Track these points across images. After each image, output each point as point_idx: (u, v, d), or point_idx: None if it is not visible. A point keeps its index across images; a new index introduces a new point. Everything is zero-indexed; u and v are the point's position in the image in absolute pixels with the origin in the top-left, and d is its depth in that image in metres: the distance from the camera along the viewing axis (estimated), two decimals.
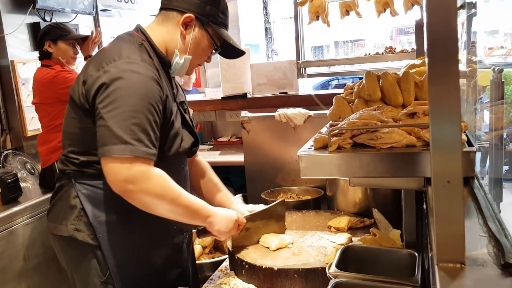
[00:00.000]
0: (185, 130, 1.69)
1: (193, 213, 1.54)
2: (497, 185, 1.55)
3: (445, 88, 0.74)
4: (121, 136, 1.38)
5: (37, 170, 3.68)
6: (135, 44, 1.59)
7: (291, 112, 2.80)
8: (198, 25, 1.63)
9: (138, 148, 1.39)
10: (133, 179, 1.40)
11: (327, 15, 3.20)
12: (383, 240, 1.73)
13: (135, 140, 1.39)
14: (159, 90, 1.50)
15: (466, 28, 1.89)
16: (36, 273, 2.88)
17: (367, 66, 3.59)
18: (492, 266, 0.80)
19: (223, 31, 1.68)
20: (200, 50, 1.68)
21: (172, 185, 1.48)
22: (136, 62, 1.49)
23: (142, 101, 1.43)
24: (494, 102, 1.56)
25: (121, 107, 1.41)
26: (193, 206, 1.54)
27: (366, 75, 1.62)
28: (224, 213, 1.65)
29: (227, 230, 1.63)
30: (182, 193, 1.50)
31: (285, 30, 7.98)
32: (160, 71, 1.60)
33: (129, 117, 1.40)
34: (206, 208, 1.59)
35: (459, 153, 0.77)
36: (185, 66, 1.67)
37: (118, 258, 1.60)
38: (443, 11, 0.72)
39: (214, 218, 1.59)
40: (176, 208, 1.49)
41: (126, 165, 1.39)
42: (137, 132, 1.39)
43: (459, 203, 0.79)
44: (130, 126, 1.39)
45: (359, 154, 1.27)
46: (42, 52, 3.23)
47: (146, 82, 1.46)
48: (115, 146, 1.38)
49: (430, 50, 0.76)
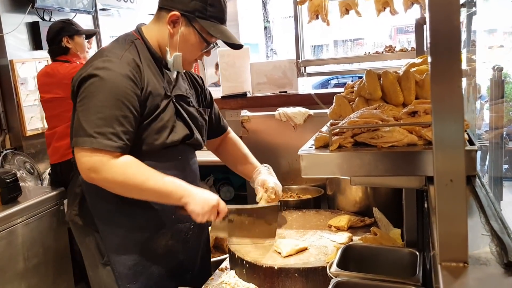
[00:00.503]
0: (180, 123, 1.74)
1: (164, 195, 1.62)
2: (497, 183, 1.55)
3: (448, 87, 0.74)
4: (86, 129, 1.52)
5: (36, 169, 3.67)
6: (126, 42, 1.69)
7: (291, 111, 2.79)
8: (184, 22, 1.67)
9: (99, 141, 1.51)
10: (94, 168, 1.53)
11: (327, 14, 3.20)
12: (383, 239, 1.72)
13: (97, 134, 1.51)
14: (133, 87, 1.58)
15: (466, 26, 1.89)
16: (36, 273, 2.87)
17: (366, 65, 3.58)
18: (495, 265, 0.80)
19: (212, 25, 1.66)
20: (190, 46, 1.71)
21: (137, 171, 1.56)
22: (112, 60, 1.60)
23: (110, 97, 1.54)
24: (494, 101, 1.56)
25: (90, 102, 1.55)
26: (163, 189, 1.60)
27: (367, 74, 1.62)
28: (202, 195, 1.64)
29: (202, 212, 1.63)
30: (149, 177, 1.57)
31: (284, 29, 7.97)
32: (150, 68, 1.69)
33: (96, 112, 1.53)
34: (180, 189, 1.62)
35: (462, 152, 0.77)
36: (178, 62, 1.73)
37: (115, 243, 1.73)
38: (446, 9, 0.72)
39: (189, 198, 1.61)
40: (144, 192, 1.59)
41: (88, 156, 1.53)
42: (101, 126, 1.52)
43: (462, 202, 0.79)
44: (95, 120, 1.52)
45: (360, 153, 1.27)
46: (59, 48, 3.25)
47: (116, 78, 1.56)
48: (80, 138, 1.53)
49: (433, 49, 0.76)
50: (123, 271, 1.72)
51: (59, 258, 3.07)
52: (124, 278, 1.72)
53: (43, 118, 3.83)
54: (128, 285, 1.72)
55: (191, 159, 1.87)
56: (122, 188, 1.58)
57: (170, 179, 1.61)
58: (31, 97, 3.75)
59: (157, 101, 1.67)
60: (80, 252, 1.95)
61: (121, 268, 1.72)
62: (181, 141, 1.75)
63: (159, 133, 1.68)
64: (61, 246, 3.09)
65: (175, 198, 1.62)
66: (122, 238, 1.73)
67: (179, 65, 1.74)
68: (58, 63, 3.24)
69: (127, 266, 1.72)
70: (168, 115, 1.70)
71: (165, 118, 1.69)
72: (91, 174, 1.55)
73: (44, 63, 3.88)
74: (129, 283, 1.72)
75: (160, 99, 1.68)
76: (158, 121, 1.67)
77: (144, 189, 1.57)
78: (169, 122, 1.70)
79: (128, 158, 1.57)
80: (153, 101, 1.66)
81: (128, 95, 1.56)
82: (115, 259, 1.73)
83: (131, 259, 1.72)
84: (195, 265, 1.92)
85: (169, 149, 1.71)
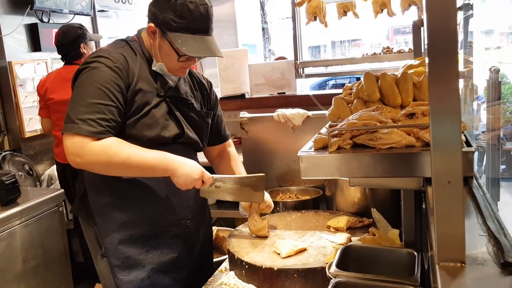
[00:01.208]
0: (171, 122, 1.79)
1: (149, 170, 1.66)
2: (495, 184, 1.57)
3: (445, 90, 0.75)
4: (71, 116, 1.61)
5: (35, 171, 3.68)
6: (122, 43, 1.78)
7: (289, 112, 2.81)
8: (160, 34, 1.71)
9: (80, 126, 1.58)
10: (76, 152, 1.60)
11: (325, 16, 3.21)
12: (382, 239, 1.74)
13: (79, 120, 1.59)
14: (115, 78, 1.65)
15: (463, 28, 1.90)
16: (35, 274, 2.88)
17: (364, 66, 3.60)
18: (492, 265, 0.82)
19: (181, 37, 1.66)
20: (167, 56, 1.74)
21: (119, 150, 1.61)
22: (101, 55, 1.68)
23: (92, 86, 1.62)
24: (491, 102, 1.58)
25: (77, 92, 1.65)
26: (146, 163, 1.64)
27: (365, 76, 1.64)
28: (184, 169, 1.68)
29: (185, 184, 1.69)
30: (131, 154, 1.62)
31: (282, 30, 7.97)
32: (143, 67, 1.75)
33: (80, 100, 1.62)
34: (164, 163, 1.66)
35: (459, 154, 0.78)
36: (164, 70, 1.78)
37: (110, 236, 1.79)
38: (443, 14, 0.74)
39: (174, 171, 1.67)
40: (129, 168, 1.64)
41: (70, 141, 1.60)
42: (82, 113, 1.59)
43: (459, 203, 0.80)
44: (77, 107, 1.61)
45: (359, 154, 1.28)
46: (76, 53, 3.40)
47: (101, 69, 1.64)
48: (65, 125, 1.62)
49: (430, 53, 0.77)
50: (116, 263, 1.79)
51: (58, 259, 3.07)
52: (117, 269, 1.79)
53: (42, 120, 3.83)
54: (121, 276, 1.79)
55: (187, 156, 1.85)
56: (107, 167, 1.63)
57: (153, 153, 1.66)
58: (29, 99, 3.76)
59: (148, 98, 1.73)
60: (79, 253, 2.00)
61: (115, 260, 1.79)
62: (172, 139, 1.79)
63: (150, 129, 1.73)
64: (60, 248, 3.09)
65: (159, 171, 1.68)
66: (116, 231, 1.79)
67: (165, 72, 1.79)
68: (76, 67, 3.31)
69: (120, 259, 1.78)
70: (160, 112, 1.75)
71: (157, 115, 1.74)
72: (76, 158, 1.61)
73: (42, 64, 3.89)
74: (122, 275, 1.79)
75: (151, 96, 1.74)
76: (149, 116, 1.72)
77: (128, 166, 1.62)
78: (161, 119, 1.75)
79: (110, 139, 1.62)
80: (143, 98, 1.71)
81: (109, 85, 1.63)
82: (110, 251, 1.79)
83: (124, 252, 1.78)
84: (192, 262, 1.94)
85: (163, 148, 1.74)
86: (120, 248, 1.79)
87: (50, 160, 3.93)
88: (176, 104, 1.82)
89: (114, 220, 1.79)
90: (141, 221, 1.79)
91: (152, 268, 1.81)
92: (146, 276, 1.80)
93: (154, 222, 1.80)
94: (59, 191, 3.13)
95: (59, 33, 3.38)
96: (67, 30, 3.38)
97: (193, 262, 1.95)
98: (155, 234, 1.83)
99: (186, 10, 1.64)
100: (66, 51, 3.39)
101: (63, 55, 3.42)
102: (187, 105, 1.86)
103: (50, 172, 3.82)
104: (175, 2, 1.64)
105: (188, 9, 1.64)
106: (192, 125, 1.87)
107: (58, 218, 3.06)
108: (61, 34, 3.36)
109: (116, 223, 1.79)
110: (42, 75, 3.84)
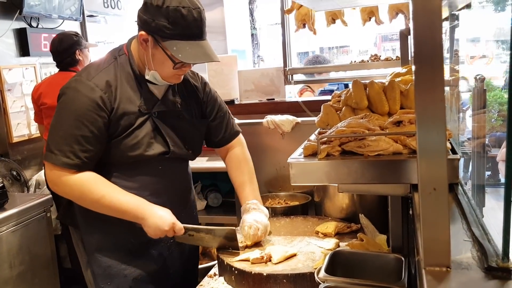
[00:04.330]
0: (158, 139, 1.76)
1: (120, 213, 1.68)
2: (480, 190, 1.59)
3: (431, 100, 0.78)
4: (50, 145, 1.65)
5: (23, 176, 3.65)
6: (109, 59, 1.76)
7: (279, 119, 2.83)
8: (152, 41, 1.65)
9: (58, 157, 1.62)
10: (53, 182, 1.67)
11: (314, 23, 3.26)
12: (370, 245, 1.76)
13: (58, 151, 1.63)
14: (95, 109, 1.64)
15: (449, 36, 1.94)
16: (22, 280, 2.85)
17: (352, 73, 3.64)
18: (476, 269, 0.84)
19: (176, 44, 1.61)
20: (161, 64, 1.68)
21: (94, 188, 1.65)
22: (83, 81, 1.67)
23: (72, 117, 1.64)
24: (476, 110, 1.61)
25: (56, 119, 1.68)
26: (119, 207, 1.67)
27: (353, 83, 1.66)
28: (154, 221, 1.67)
29: (155, 234, 1.70)
30: (105, 195, 1.65)
31: (270, 36, 8.00)
32: (129, 84, 1.72)
33: (58, 130, 1.65)
34: (135, 211, 1.67)
35: (444, 162, 0.81)
36: (157, 78, 1.73)
37: (92, 244, 1.82)
38: (429, 27, 0.76)
39: (143, 221, 1.68)
40: (101, 208, 1.68)
41: (49, 170, 1.67)
42: (60, 144, 1.63)
43: (444, 209, 0.82)
44: (56, 137, 1.65)
45: (347, 161, 1.31)
46: (72, 60, 3.42)
47: (81, 100, 1.64)
48: (46, 153, 1.66)
49: (417, 63, 0.80)
50: (98, 271, 1.81)
51: (45, 265, 3.04)
52: (99, 278, 1.81)
53: (29, 125, 3.81)
54: (102, 285, 1.80)
55: (175, 167, 1.87)
56: (80, 201, 1.70)
57: (127, 198, 1.67)
58: (17, 104, 3.74)
59: (131, 119, 1.71)
60: (66, 259, 2.00)
61: (96, 268, 1.81)
62: (157, 157, 1.76)
63: (133, 150, 1.72)
64: (48, 253, 3.06)
65: (129, 217, 1.69)
66: (99, 240, 1.81)
67: (161, 81, 1.74)
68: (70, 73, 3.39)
69: (102, 267, 1.80)
70: (144, 131, 1.73)
71: (140, 135, 1.72)
72: (53, 186, 1.69)
73: (31, 69, 3.87)
74: (104, 284, 1.80)
75: (135, 117, 1.71)
76: (131, 138, 1.71)
77: (101, 205, 1.66)
78: (145, 138, 1.73)
79: (87, 175, 1.66)
80: (127, 119, 1.70)
81: (89, 116, 1.63)
82: (92, 259, 1.81)
83: (105, 261, 1.80)
84: (177, 271, 1.93)
85: (149, 163, 1.75)
86: (102, 257, 1.79)
87: (38, 166, 3.90)
88: (163, 118, 1.77)
89: (97, 229, 1.79)
90: (124, 232, 1.78)
91: (134, 278, 1.80)
92: (128, 286, 1.80)
93: (137, 232, 1.74)
94: (47, 196, 3.10)
95: (54, 40, 3.40)
96: (63, 37, 3.41)
97: (179, 272, 1.93)
98: (138, 244, 1.80)
99: (179, 16, 1.57)
100: (61, 58, 3.41)
101: (58, 62, 3.43)
102: (176, 117, 1.82)
103: (38, 177, 3.80)
104: (166, 8, 1.56)
105: (181, 15, 1.57)
106: (182, 137, 1.83)
107: (46, 223, 3.04)
108: (57, 41, 3.38)
109: (98, 232, 1.79)
110: (30, 80, 3.83)
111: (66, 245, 3.57)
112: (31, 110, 3.64)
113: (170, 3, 1.57)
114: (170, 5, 1.56)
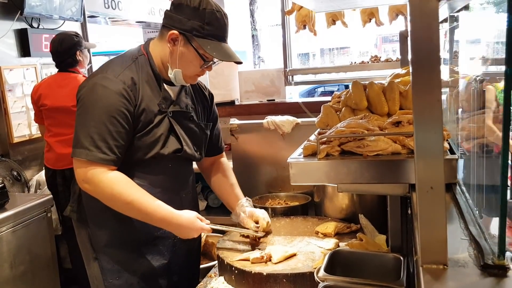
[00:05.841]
0: (172, 138, 1.82)
1: (148, 219, 1.72)
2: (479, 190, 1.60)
3: (428, 101, 0.79)
4: (83, 141, 1.64)
5: (23, 176, 3.66)
6: (130, 59, 1.78)
7: (279, 119, 2.84)
8: (183, 40, 1.73)
9: (94, 154, 1.63)
10: (87, 180, 1.66)
11: (314, 24, 3.27)
12: (369, 245, 1.77)
13: (93, 147, 1.63)
14: (125, 104, 1.68)
15: (448, 38, 1.95)
16: (23, 280, 2.86)
17: (352, 74, 3.66)
18: (472, 267, 0.85)
19: (210, 43, 1.72)
20: (189, 63, 1.77)
21: (124, 191, 1.66)
22: (109, 78, 1.69)
23: (104, 113, 1.65)
24: (475, 111, 1.62)
25: (87, 116, 1.67)
26: (147, 216, 1.71)
27: (353, 84, 1.67)
28: (184, 230, 1.75)
29: (185, 236, 1.77)
30: (135, 200, 1.67)
31: (271, 37, 8.02)
32: (148, 84, 1.77)
33: (91, 126, 1.65)
34: (163, 221, 1.72)
35: (441, 161, 0.82)
36: (179, 78, 1.80)
37: (102, 240, 1.84)
38: (426, 29, 0.77)
39: (172, 228, 1.74)
40: (129, 211, 1.70)
41: (83, 167, 1.66)
42: (96, 140, 1.63)
43: (441, 208, 0.83)
44: (90, 133, 1.64)
45: (347, 161, 1.32)
46: (72, 60, 3.42)
47: (110, 96, 1.66)
48: (77, 150, 1.65)
49: (414, 65, 0.81)
50: (107, 267, 1.83)
51: (46, 265, 3.06)
52: (108, 273, 1.83)
53: (30, 125, 3.83)
54: (111, 280, 1.83)
55: (182, 166, 1.94)
56: (110, 202, 1.70)
57: (155, 207, 1.70)
58: (18, 104, 3.75)
59: (151, 116, 1.76)
60: (67, 259, 1.99)
61: (106, 264, 1.83)
62: (171, 154, 1.82)
63: (151, 147, 1.77)
64: (48, 254, 3.08)
65: (157, 224, 1.75)
66: (108, 236, 1.83)
67: (180, 80, 1.81)
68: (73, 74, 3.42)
69: (111, 263, 1.83)
70: (162, 130, 1.79)
71: (158, 133, 1.78)
72: (85, 184, 1.68)
73: (32, 70, 3.88)
74: (112, 279, 1.83)
75: (153, 115, 1.77)
76: (150, 135, 1.76)
77: (129, 209, 1.70)
78: (162, 136, 1.79)
79: (118, 177, 1.68)
80: (146, 117, 1.75)
81: (120, 111, 1.67)
82: (101, 255, 1.83)
83: (115, 256, 1.83)
84: (182, 268, 1.97)
85: (160, 158, 1.80)
86: (111, 252, 1.82)
87: (39, 166, 3.91)
88: (178, 118, 1.84)
89: (107, 225, 1.82)
90: (134, 228, 1.81)
91: (142, 274, 1.84)
92: (136, 282, 1.83)
93: (146, 229, 1.81)
94: (48, 196, 3.11)
95: (55, 41, 3.39)
96: (63, 37, 3.40)
97: (184, 269, 1.98)
98: (146, 240, 1.85)
99: (214, 18, 1.70)
100: (62, 59, 3.40)
101: (58, 62, 3.43)
102: (187, 118, 1.89)
103: (38, 177, 3.80)
104: (203, 10, 1.69)
105: (216, 18, 1.71)
106: (191, 138, 1.90)
107: (46, 224, 3.05)
108: (57, 42, 3.37)
109: (109, 227, 1.82)
110: (31, 81, 3.84)
111: (66, 245, 3.58)
112: (31, 111, 3.64)
113: (206, 6, 1.69)
114: (206, 7, 1.69)
